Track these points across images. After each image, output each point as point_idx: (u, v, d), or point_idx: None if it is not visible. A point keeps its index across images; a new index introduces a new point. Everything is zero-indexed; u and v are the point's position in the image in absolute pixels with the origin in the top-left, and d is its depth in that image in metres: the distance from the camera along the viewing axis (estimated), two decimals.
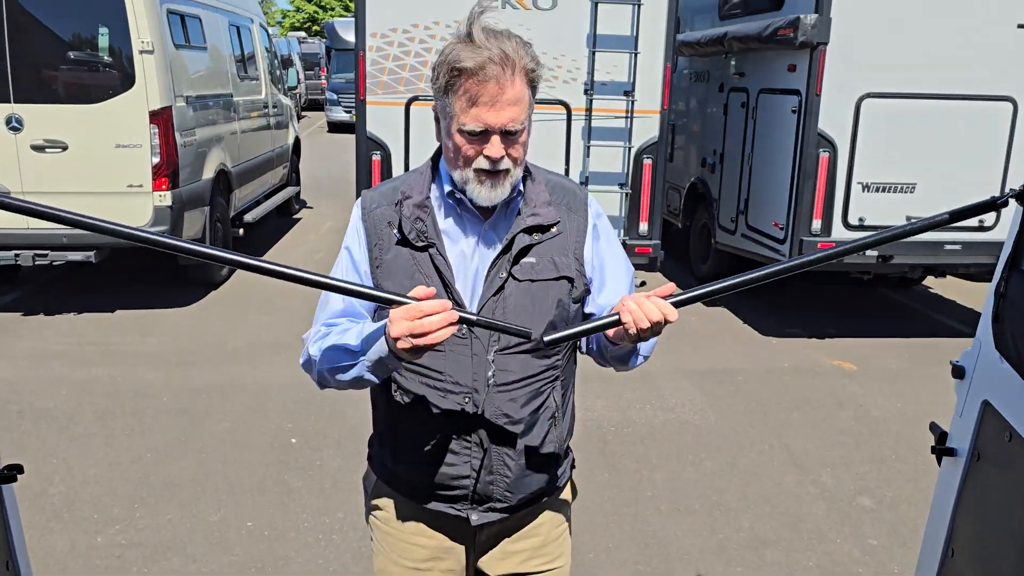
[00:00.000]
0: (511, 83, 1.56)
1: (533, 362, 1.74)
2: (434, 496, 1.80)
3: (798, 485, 4.42)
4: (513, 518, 1.85)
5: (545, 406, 1.78)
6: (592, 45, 6.30)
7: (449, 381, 1.70)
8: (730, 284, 1.71)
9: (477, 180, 1.63)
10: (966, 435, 1.82)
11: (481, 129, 1.58)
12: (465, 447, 1.74)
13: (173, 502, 4.04)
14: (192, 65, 7.40)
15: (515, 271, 1.69)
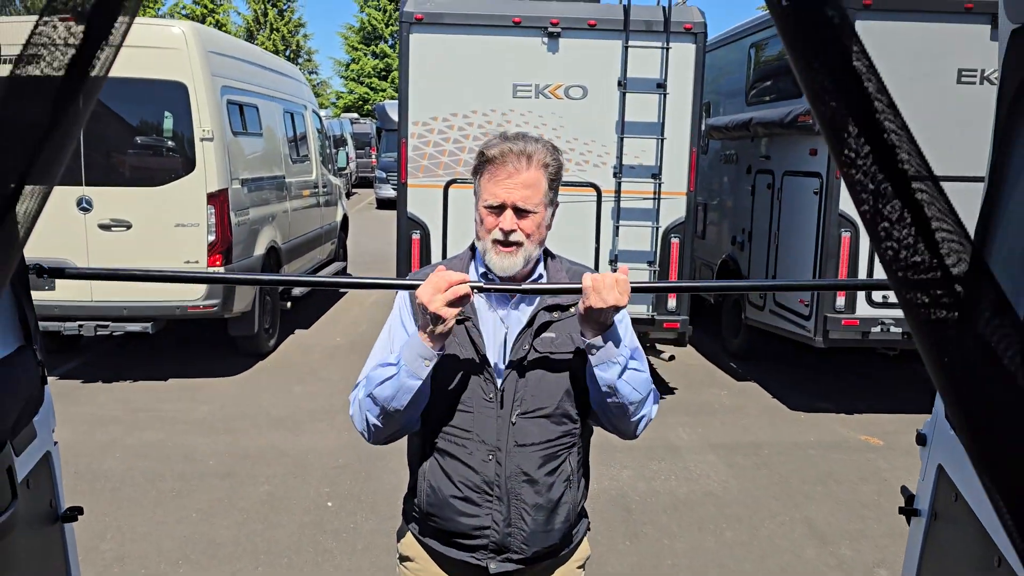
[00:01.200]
0: (526, 170, 1.90)
1: (551, 427, 1.97)
2: (457, 544, 2.01)
3: (817, 556, 4.50)
4: (529, 571, 2.04)
5: (561, 469, 1.99)
6: (621, 131, 6.64)
7: (476, 440, 1.94)
8: (681, 286, 2.01)
9: (494, 250, 1.93)
10: (927, 497, 1.99)
11: (497, 203, 1.90)
12: (487, 500, 1.96)
13: (215, 560, 4.28)
14: (248, 149, 7.93)
15: (536, 344, 1.96)
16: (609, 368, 1.90)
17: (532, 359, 1.95)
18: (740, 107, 8.35)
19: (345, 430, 6.18)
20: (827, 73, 1.01)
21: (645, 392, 1.98)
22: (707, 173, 9.23)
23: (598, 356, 1.88)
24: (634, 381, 1.94)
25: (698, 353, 8.75)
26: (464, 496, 1.96)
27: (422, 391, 1.90)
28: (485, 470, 1.94)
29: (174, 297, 6.91)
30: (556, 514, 2.00)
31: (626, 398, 1.93)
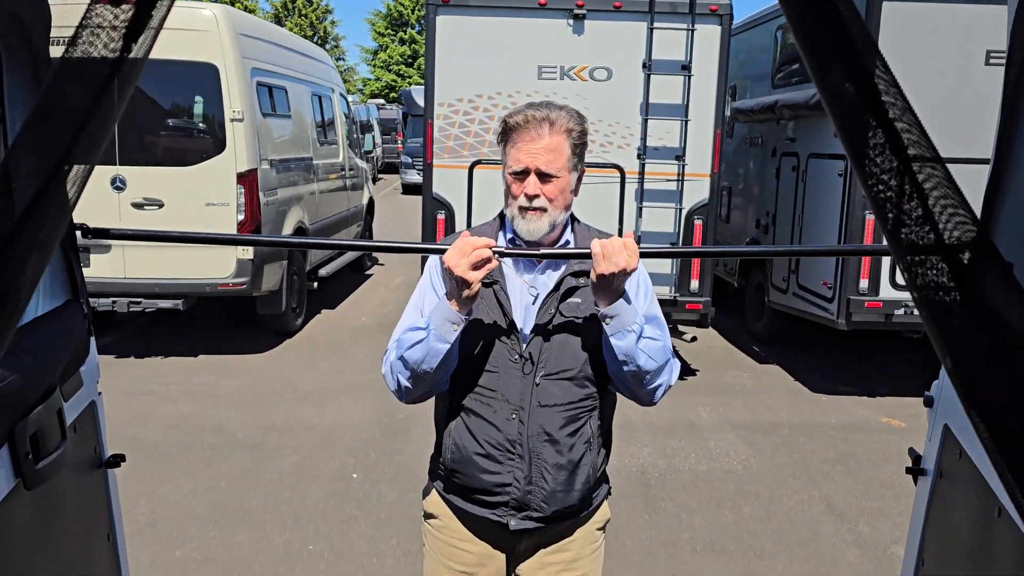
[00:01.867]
0: (548, 135, 1.95)
1: (574, 389, 2.04)
2: (479, 501, 2.08)
3: (834, 533, 4.54)
4: (549, 531, 2.11)
5: (582, 431, 2.06)
6: (645, 113, 6.67)
7: (501, 399, 2.01)
8: (688, 251, 2.07)
9: (520, 215, 1.99)
10: (933, 456, 2.05)
11: (520, 168, 1.96)
12: (510, 458, 2.03)
13: (244, 525, 4.41)
14: (277, 131, 8.05)
15: (562, 308, 2.02)
16: (625, 336, 1.94)
17: (557, 323, 2.01)
18: (766, 90, 8.34)
19: (370, 404, 6.32)
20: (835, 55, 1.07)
21: (662, 360, 2.01)
22: (732, 157, 9.23)
23: (613, 325, 1.93)
24: (650, 349, 1.98)
25: (721, 336, 8.78)
26: (487, 453, 2.02)
27: (451, 354, 1.96)
28: (508, 429, 2.01)
29: (204, 275, 7.06)
30: (576, 475, 2.05)
31: (643, 366, 1.97)
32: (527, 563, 2.15)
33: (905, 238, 1.08)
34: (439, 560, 2.19)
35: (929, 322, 1.06)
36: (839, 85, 1.07)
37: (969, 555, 1.78)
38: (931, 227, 1.08)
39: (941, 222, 1.09)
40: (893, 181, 1.09)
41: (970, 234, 1.07)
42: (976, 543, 1.72)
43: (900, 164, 1.09)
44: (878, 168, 1.07)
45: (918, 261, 1.06)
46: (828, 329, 7.29)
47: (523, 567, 2.15)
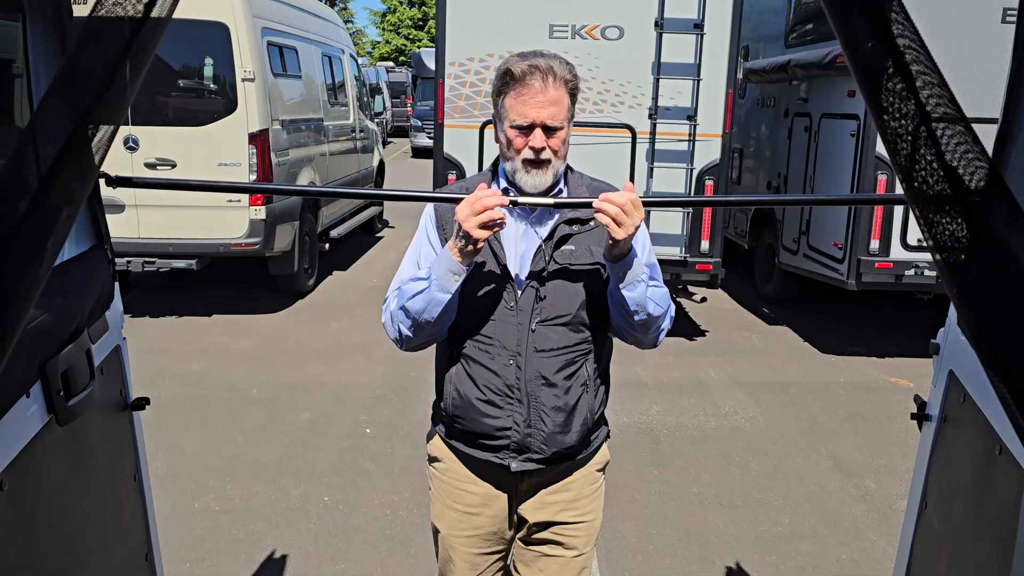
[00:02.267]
0: (552, 87, 1.95)
1: (569, 334, 2.08)
2: (481, 445, 2.14)
3: (841, 488, 4.61)
4: (549, 472, 2.17)
5: (578, 374, 2.10)
6: (657, 72, 6.63)
7: (499, 345, 2.06)
8: (690, 200, 2.09)
9: (524, 169, 2.00)
10: (937, 402, 2.09)
11: (527, 123, 1.96)
12: (508, 402, 2.08)
13: (259, 478, 4.51)
14: (288, 92, 8.05)
15: (556, 256, 2.05)
16: (636, 287, 1.98)
17: (552, 270, 2.04)
18: (779, 51, 8.26)
19: (382, 363, 6.39)
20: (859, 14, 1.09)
21: (666, 305, 2.08)
22: (744, 118, 9.18)
23: (626, 278, 1.96)
24: (656, 296, 2.03)
25: (730, 298, 8.81)
26: (487, 399, 2.08)
27: (451, 303, 2.00)
28: (506, 374, 2.06)
29: (218, 235, 7.11)
30: (574, 417, 2.10)
31: (652, 313, 2.02)
32: (529, 503, 2.21)
33: (920, 179, 1.11)
34: (445, 503, 2.26)
35: (943, 266, 1.09)
36: (858, 32, 1.09)
37: (970, 494, 1.83)
38: (947, 171, 1.11)
39: (958, 165, 1.12)
40: (910, 125, 1.12)
41: (985, 178, 1.10)
42: (977, 482, 1.77)
43: (917, 109, 1.12)
44: (896, 112, 1.10)
45: (933, 201, 1.09)
46: (838, 290, 7.30)
47: (525, 507, 2.21)
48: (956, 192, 1.10)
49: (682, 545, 3.97)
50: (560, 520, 2.22)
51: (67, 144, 1.06)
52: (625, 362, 6.48)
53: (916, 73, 1.10)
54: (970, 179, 1.11)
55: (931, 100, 1.12)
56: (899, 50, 1.07)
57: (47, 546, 1.62)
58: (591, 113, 6.72)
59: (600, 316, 2.11)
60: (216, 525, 4.02)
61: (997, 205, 1.10)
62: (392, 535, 3.97)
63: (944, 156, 1.11)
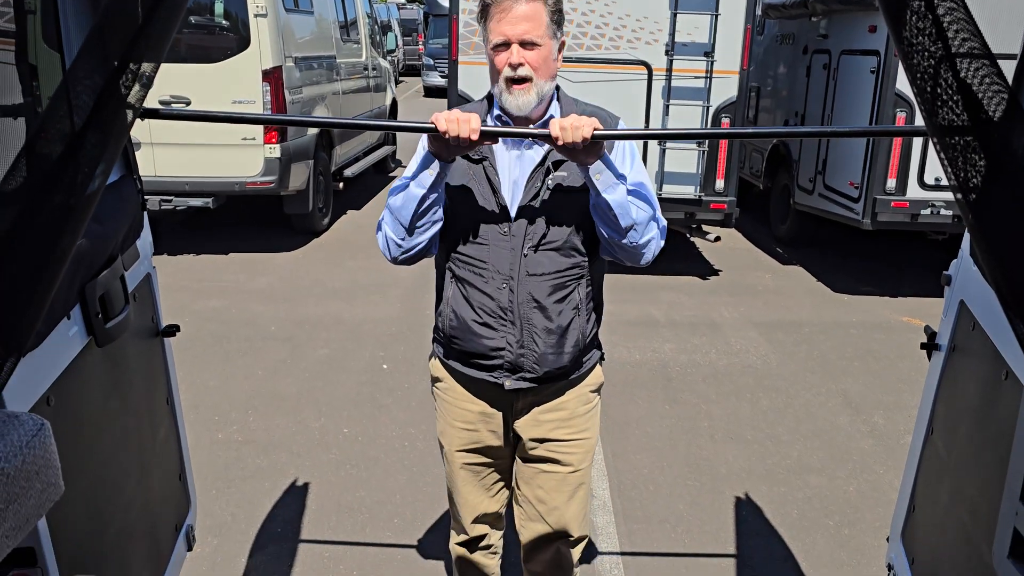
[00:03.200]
0: (526, 3, 1.98)
1: (560, 259, 2.14)
2: (476, 365, 2.24)
3: (850, 424, 4.69)
4: (542, 391, 2.27)
5: (570, 297, 2.18)
6: (674, 7, 6.54)
7: (492, 269, 2.14)
8: (647, 133, 2.11)
9: (507, 90, 2.03)
10: (947, 332, 2.13)
11: (502, 40, 2.00)
12: (502, 324, 2.17)
13: (280, 410, 4.62)
14: (300, 29, 7.98)
15: (548, 181, 2.11)
16: (615, 189, 2.01)
17: (544, 196, 2.10)
18: None
19: (398, 301, 6.47)
20: None
21: (651, 212, 2.10)
22: (762, 56, 9.04)
23: (602, 181, 1.99)
24: (639, 202, 2.07)
25: (744, 239, 8.81)
26: (482, 321, 2.17)
27: (431, 207, 2.05)
28: (500, 296, 2.14)
29: (233, 173, 7.14)
30: (565, 338, 2.19)
31: (636, 219, 2.05)
32: (524, 419, 2.31)
33: (942, 111, 1.14)
34: (446, 419, 2.38)
35: (962, 196, 1.12)
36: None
37: (975, 418, 1.88)
38: (970, 101, 1.14)
39: (982, 96, 1.15)
40: (934, 57, 1.14)
41: (1007, 109, 1.13)
42: (983, 406, 1.82)
43: (941, 40, 1.14)
44: (919, 45, 1.12)
45: (955, 132, 1.12)
46: (852, 231, 7.30)
47: (520, 423, 2.32)
48: (977, 123, 1.13)
49: (693, 477, 4.07)
50: (555, 437, 2.32)
51: (108, 86, 1.10)
52: (638, 300, 6.54)
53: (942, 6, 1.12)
54: (993, 110, 1.14)
55: (954, 30, 1.15)
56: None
57: (90, 463, 1.70)
58: (607, 50, 6.65)
59: (592, 240, 2.16)
60: (239, 455, 4.14)
61: (1019, 135, 1.13)
62: (410, 464, 4.09)
63: (968, 87, 1.14)
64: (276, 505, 3.72)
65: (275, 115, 7.15)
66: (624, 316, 6.08)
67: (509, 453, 2.41)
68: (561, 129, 1.88)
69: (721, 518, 3.75)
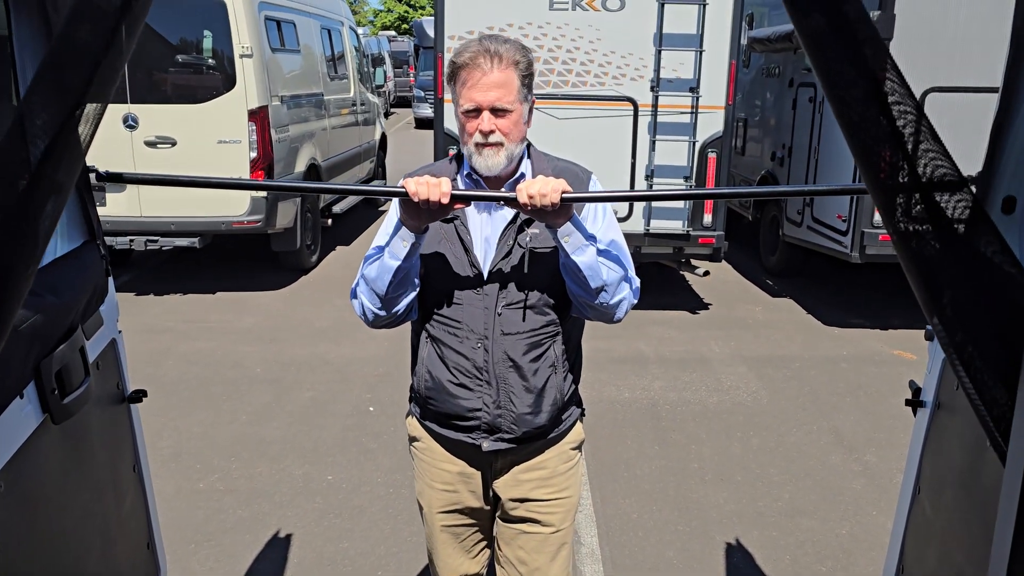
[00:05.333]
0: (496, 70, 1.96)
1: (534, 317, 2.11)
2: (454, 426, 2.19)
3: (842, 463, 4.63)
4: (521, 450, 2.22)
5: (545, 355, 2.14)
6: (659, 44, 6.56)
7: (467, 329, 2.10)
8: (615, 195, 2.13)
9: (477, 152, 2.01)
10: (932, 388, 2.09)
11: (473, 107, 1.97)
12: (478, 384, 2.13)
13: (265, 457, 4.55)
14: (287, 67, 7.99)
15: (520, 239, 2.08)
16: (585, 251, 1.98)
17: (516, 254, 2.07)
18: (785, 18, 8.15)
19: (385, 341, 6.40)
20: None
21: (622, 272, 2.07)
22: (748, 88, 9.08)
23: (571, 243, 1.97)
24: (610, 262, 2.05)
25: (734, 270, 8.79)
26: (458, 381, 2.13)
27: (407, 277, 2.03)
28: (475, 356, 2.10)
29: (219, 212, 7.11)
30: (543, 397, 2.15)
31: (606, 280, 2.02)
32: (503, 479, 2.26)
33: (885, 181, 1.13)
34: (425, 481, 2.33)
35: (905, 256, 1.11)
36: (818, 26, 1.09)
37: (962, 483, 1.83)
38: (911, 169, 1.14)
39: (920, 166, 1.14)
40: (873, 128, 1.14)
41: (948, 176, 1.12)
42: (969, 471, 1.77)
43: (881, 109, 1.14)
44: (858, 115, 1.11)
45: (898, 203, 1.11)
46: (842, 263, 7.28)
47: (499, 483, 2.27)
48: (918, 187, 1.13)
49: (682, 521, 4.00)
50: (535, 497, 2.27)
51: (55, 133, 1.05)
52: (627, 336, 6.49)
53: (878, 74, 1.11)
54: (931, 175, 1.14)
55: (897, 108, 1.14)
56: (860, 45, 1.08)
57: (47, 542, 1.64)
58: (592, 86, 6.66)
59: (566, 297, 2.13)
60: (221, 506, 4.06)
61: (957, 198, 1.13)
62: (395, 513, 4.01)
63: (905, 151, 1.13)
64: (257, 559, 3.64)
65: (250, 180, 7.08)
66: (613, 353, 6.02)
67: (489, 514, 2.36)
68: (529, 196, 1.86)
69: (712, 565, 3.68)
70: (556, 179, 1.89)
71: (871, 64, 1.09)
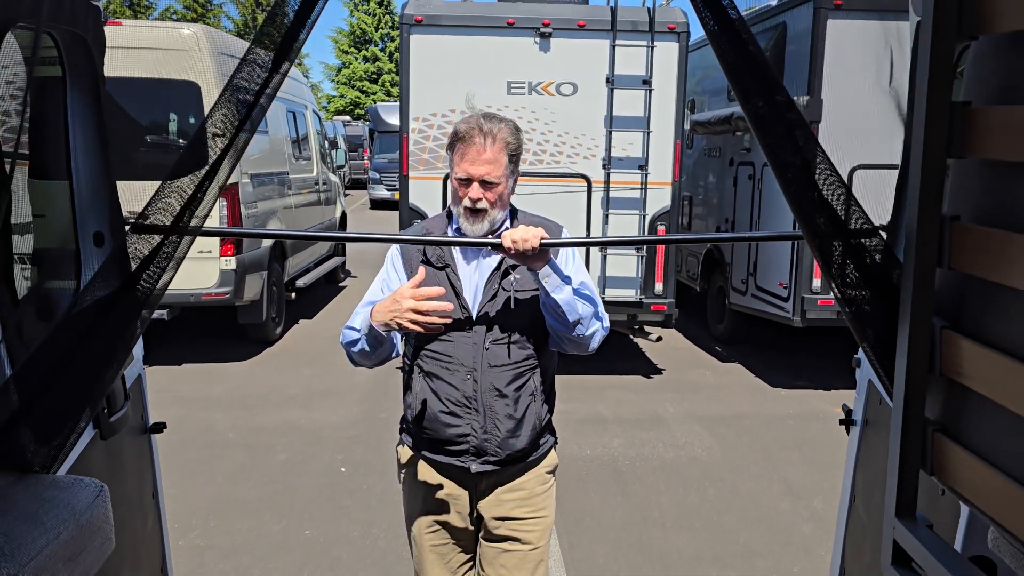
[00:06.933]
0: (489, 148, 2.32)
1: (517, 351, 2.42)
2: (445, 451, 2.46)
3: (792, 509, 4.93)
4: (504, 472, 2.49)
5: (526, 385, 2.44)
6: (609, 125, 7.07)
7: (457, 363, 2.40)
8: (584, 241, 2.52)
9: (464, 216, 2.36)
10: (860, 408, 2.42)
11: (465, 177, 2.32)
12: (467, 411, 2.41)
13: (242, 515, 4.68)
14: (255, 147, 8.32)
15: (504, 284, 2.41)
16: (562, 290, 2.31)
17: (500, 297, 2.40)
18: (723, 104, 8.80)
19: (354, 405, 6.60)
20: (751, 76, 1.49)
21: (595, 306, 2.40)
22: (693, 168, 9.68)
23: (550, 283, 2.30)
24: (584, 297, 2.38)
25: (685, 338, 9.20)
26: (449, 410, 2.41)
27: (387, 348, 2.38)
28: (464, 387, 2.39)
29: (189, 285, 7.29)
30: (523, 423, 2.44)
31: (581, 313, 2.34)
32: (487, 500, 2.52)
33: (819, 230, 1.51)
34: (414, 504, 2.57)
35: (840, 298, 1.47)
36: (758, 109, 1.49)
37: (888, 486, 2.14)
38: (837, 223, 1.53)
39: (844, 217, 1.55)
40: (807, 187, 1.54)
41: (864, 224, 1.51)
42: None
43: (810, 178, 1.55)
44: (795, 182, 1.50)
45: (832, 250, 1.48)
46: (786, 328, 7.72)
47: (483, 504, 2.53)
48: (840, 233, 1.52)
49: (646, 564, 4.24)
50: (515, 516, 2.53)
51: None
52: (587, 399, 6.79)
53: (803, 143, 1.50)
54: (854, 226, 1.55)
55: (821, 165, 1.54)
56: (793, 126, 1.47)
57: None
58: (548, 164, 7.11)
59: (543, 334, 2.45)
60: (202, 560, 4.18)
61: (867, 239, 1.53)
62: (373, 563, 4.17)
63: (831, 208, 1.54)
64: None
65: (230, 228, 7.37)
66: (574, 415, 6.30)
67: (473, 535, 2.59)
68: (512, 241, 2.19)
69: None
70: (535, 227, 2.23)
71: (802, 140, 1.48)
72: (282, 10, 1.63)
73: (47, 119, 2.12)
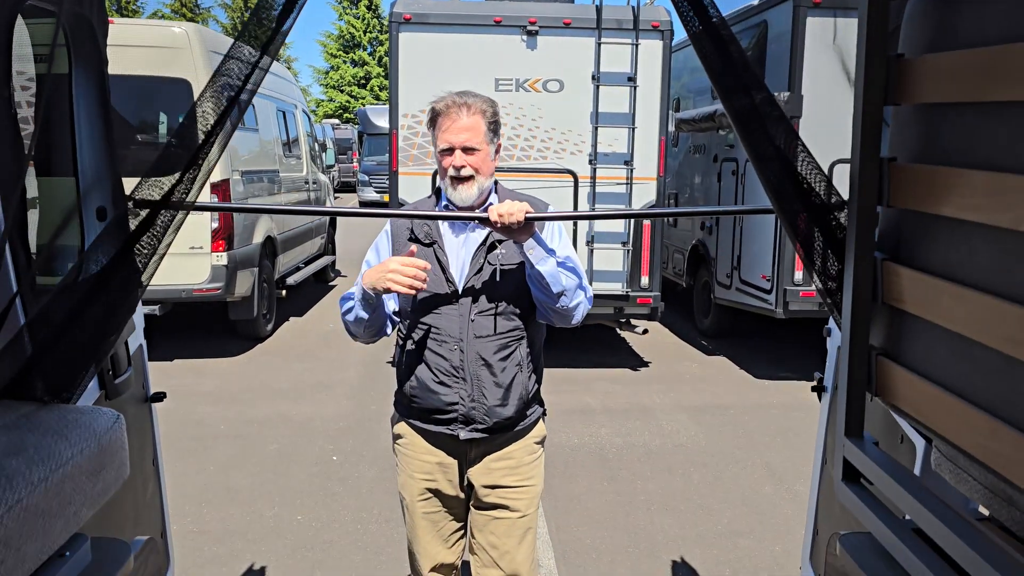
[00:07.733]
0: (466, 115, 2.43)
1: (502, 322, 2.52)
2: (435, 420, 2.56)
3: (774, 492, 5.04)
4: (492, 440, 2.59)
5: (512, 356, 2.54)
6: (595, 121, 7.19)
7: (444, 334, 2.50)
8: (569, 215, 2.69)
9: (451, 186, 2.47)
10: (830, 374, 2.54)
11: (447, 147, 2.43)
12: (455, 381, 2.50)
13: (234, 502, 4.76)
14: (246, 145, 8.41)
15: (490, 258, 2.50)
16: (546, 261, 2.41)
17: (487, 270, 2.49)
18: (707, 102, 8.93)
19: (344, 399, 6.68)
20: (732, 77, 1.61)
21: (578, 278, 2.51)
22: (677, 167, 9.82)
23: (535, 255, 2.40)
24: (568, 269, 2.48)
25: (672, 333, 9.32)
26: (438, 379, 2.51)
27: (376, 313, 2.49)
28: (452, 357, 2.49)
29: (181, 281, 7.36)
30: (510, 392, 2.53)
31: (565, 285, 2.45)
32: (476, 468, 2.62)
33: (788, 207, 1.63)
34: (407, 472, 2.67)
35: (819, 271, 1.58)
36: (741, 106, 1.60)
37: None
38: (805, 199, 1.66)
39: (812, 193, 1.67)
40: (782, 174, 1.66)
41: (824, 187, 1.63)
42: None
43: (785, 161, 1.68)
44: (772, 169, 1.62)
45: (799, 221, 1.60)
46: (770, 321, 7.85)
47: (473, 471, 2.62)
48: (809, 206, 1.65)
49: (632, 544, 4.34)
50: (505, 484, 2.62)
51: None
52: (575, 391, 6.89)
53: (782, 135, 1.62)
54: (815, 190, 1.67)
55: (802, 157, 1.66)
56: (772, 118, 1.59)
57: None
58: (536, 160, 7.23)
59: (529, 306, 2.55)
60: (196, 544, 4.26)
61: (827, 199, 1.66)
62: (364, 546, 4.26)
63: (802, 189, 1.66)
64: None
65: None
66: (562, 406, 6.40)
67: (464, 503, 2.69)
68: (499, 215, 2.29)
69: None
70: (521, 202, 2.33)
71: (782, 135, 1.60)
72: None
73: (53, 102, 2.21)
